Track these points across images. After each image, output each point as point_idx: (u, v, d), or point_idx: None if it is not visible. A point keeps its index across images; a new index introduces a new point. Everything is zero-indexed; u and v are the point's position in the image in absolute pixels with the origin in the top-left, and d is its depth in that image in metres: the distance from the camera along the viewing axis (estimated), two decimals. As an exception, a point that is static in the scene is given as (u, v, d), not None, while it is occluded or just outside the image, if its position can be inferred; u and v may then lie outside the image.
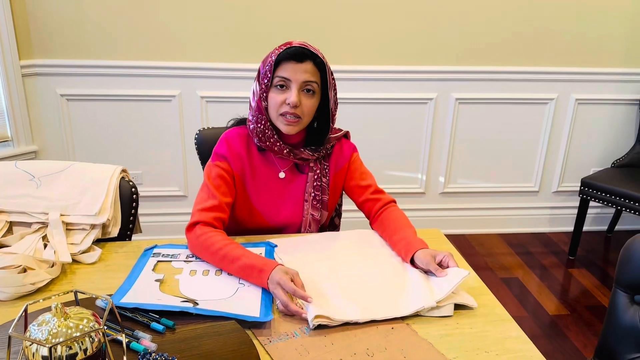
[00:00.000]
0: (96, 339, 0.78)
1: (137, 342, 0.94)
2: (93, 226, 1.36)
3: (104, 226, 1.38)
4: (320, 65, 1.32)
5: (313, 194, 1.43)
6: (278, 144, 1.37)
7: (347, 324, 1.04)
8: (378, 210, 1.44)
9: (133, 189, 1.46)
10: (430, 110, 2.87)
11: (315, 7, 2.62)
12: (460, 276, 1.13)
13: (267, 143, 1.38)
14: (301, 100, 1.31)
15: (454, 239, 3.08)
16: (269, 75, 1.31)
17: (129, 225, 1.46)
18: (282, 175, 1.44)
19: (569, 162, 3.10)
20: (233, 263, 1.19)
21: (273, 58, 1.30)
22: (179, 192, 2.87)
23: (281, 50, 1.31)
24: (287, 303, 1.06)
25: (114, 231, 1.39)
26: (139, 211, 1.52)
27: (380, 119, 2.86)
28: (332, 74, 1.36)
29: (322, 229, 1.50)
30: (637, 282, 1.15)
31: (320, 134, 1.43)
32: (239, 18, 2.60)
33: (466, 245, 3.03)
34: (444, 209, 3.12)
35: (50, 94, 2.63)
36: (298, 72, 1.29)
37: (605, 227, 3.24)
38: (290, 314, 1.08)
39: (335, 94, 1.41)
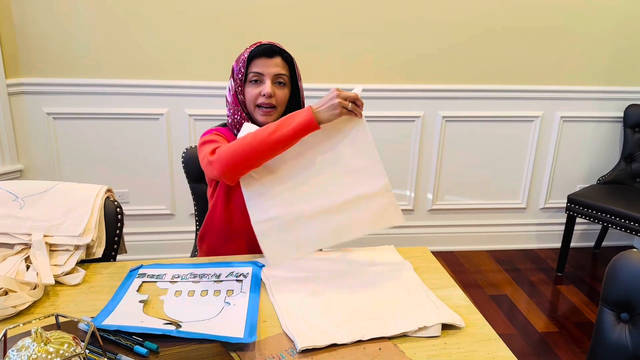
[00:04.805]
0: (77, 364, 0.76)
1: (120, 366, 0.92)
2: (77, 247, 1.34)
3: (88, 247, 1.36)
4: (288, 59, 1.46)
5: None
6: None
7: (334, 345, 1.03)
8: None
9: (118, 209, 1.45)
10: (417, 128, 2.89)
11: (299, 28, 2.65)
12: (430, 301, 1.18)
13: None
14: (274, 92, 1.42)
15: (443, 256, 3.08)
16: (243, 71, 1.43)
17: (113, 246, 1.45)
18: None
19: (555, 179, 3.13)
20: (268, 129, 1.26)
21: (246, 55, 1.43)
22: (166, 210, 2.85)
23: (252, 48, 1.43)
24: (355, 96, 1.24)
25: (99, 252, 1.37)
26: (125, 230, 1.51)
27: (368, 137, 2.87)
28: (298, 67, 1.48)
29: None
30: (623, 299, 1.16)
31: None
32: (226, 37, 2.62)
33: (455, 262, 3.03)
34: (433, 226, 3.12)
35: (37, 113, 2.61)
36: (269, 67, 1.42)
37: (592, 244, 3.26)
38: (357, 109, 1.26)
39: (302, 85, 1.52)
